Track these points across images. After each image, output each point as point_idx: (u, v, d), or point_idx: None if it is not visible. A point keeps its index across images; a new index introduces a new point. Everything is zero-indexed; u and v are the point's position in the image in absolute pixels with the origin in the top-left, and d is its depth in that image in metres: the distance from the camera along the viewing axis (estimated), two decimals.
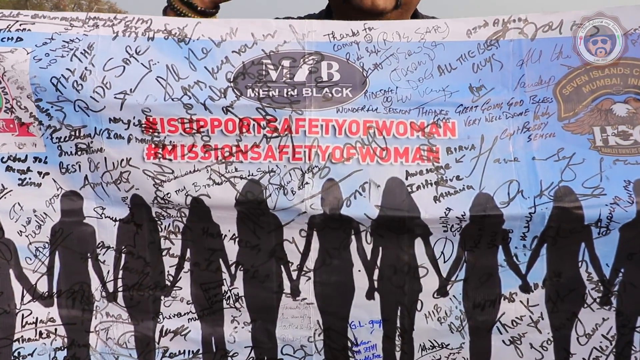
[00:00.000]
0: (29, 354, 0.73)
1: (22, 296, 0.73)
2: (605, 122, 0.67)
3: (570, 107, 0.68)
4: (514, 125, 0.69)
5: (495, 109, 0.69)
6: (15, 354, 0.73)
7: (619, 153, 0.66)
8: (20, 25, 0.72)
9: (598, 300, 0.68)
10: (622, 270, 0.66)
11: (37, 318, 0.73)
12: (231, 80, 0.70)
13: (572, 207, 0.65)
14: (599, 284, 0.67)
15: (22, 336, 0.73)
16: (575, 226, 0.65)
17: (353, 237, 0.71)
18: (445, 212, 0.67)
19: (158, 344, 0.76)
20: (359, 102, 0.70)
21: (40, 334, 0.74)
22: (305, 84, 0.70)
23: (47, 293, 0.74)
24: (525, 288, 0.69)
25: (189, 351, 0.77)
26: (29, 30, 0.72)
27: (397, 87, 0.70)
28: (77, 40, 0.72)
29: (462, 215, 0.67)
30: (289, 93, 0.71)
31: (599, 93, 0.68)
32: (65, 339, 0.74)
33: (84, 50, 0.71)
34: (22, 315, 0.73)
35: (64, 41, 0.72)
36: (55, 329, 0.74)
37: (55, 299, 0.74)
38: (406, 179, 0.69)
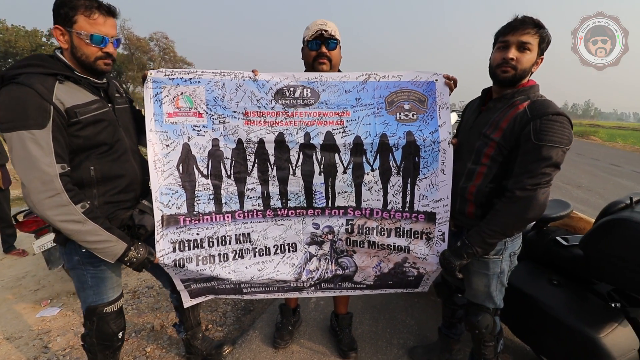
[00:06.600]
0: (201, 195, 1.95)
1: (198, 176, 1.96)
2: (401, 110, 1.81)
3: (389, 105, 1.82)
4: (369, 112, 1.83)
5: (364, 107, 1.83)
6: (195, 193, 1.94)
7: (404, 121, 1.80)
8: (197, 76, 1.83)
9: (396, 171, 1.83)
10: (404, 162, 1.80)
11: (203, 183, 1.93)
12: (273, 96, 1.86)
13: (385, 140, 1.80)
14: (396, 167, 1.82)
15: (198, 188, 1.94)
16: (386, 147, 1.81)
17: (314, 152, 1.88)
18: (344, 141, 1.84)
19: (245, 193, 1.97)
20: (316, 106, 1.86)
21: (204, 187, 1.94)
22: (298, 98, 1.87)
23: (206, 174, 1.96)
24: (372, 169, 1.84)
25: (257, 197, 1.96)
26: (202, 77, 1.80)
27: (329, 99, 1.86)
28: (218, 82, 1.82)
29: (350, 143, 1.84)
30: (292, 102, 1.88)
31: (400, 100, 1.81)
32: (212, 191, 1.96)
33: (221, 85, 1.83)
34: (197, 182, 1.94)
35: (214, 82, 1.83)
36: (210, 187, 1.97)
37: (209, 177, 1.95)
38: (332, 131, 1.86)
